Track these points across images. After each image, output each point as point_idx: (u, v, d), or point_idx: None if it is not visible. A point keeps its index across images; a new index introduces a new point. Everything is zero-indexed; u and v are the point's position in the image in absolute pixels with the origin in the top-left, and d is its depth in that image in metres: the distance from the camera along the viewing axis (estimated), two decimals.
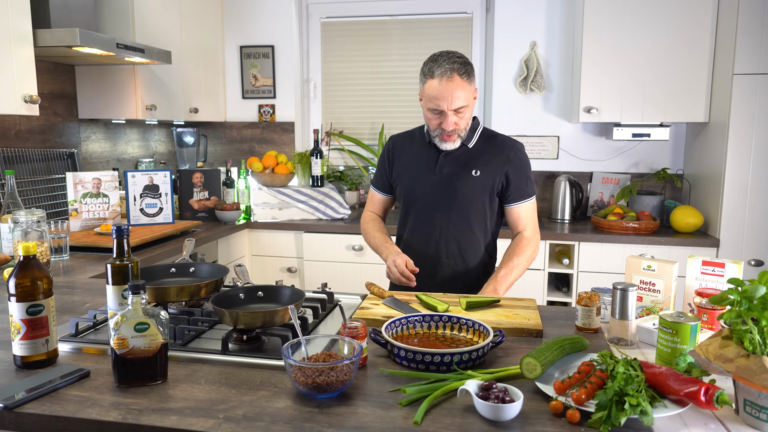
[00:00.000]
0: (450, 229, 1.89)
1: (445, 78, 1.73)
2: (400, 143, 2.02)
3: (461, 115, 1.79)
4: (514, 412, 0.97)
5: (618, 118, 3.16)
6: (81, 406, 1.03)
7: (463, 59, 1.78)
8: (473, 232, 1.91)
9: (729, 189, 2.90)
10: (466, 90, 1.76)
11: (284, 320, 1.29)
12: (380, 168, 2.06)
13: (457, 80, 1.73)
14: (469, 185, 1.87)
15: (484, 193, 1.88)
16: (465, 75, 1.75)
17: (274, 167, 3.42)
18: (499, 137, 1.94)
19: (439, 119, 1.80)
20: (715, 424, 1.00)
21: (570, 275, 3.14)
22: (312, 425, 0.97)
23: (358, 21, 3.80)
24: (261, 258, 3.39)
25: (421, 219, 1.92)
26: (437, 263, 1.92)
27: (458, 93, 1.74)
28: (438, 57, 1.78)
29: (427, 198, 1.90)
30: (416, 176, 1.92)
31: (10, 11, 2.09)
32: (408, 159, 1.96)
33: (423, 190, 1.91)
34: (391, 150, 2.02)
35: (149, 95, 3.00)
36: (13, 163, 2.56)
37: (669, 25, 3.02)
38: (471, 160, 1.88)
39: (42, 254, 1.97)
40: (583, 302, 1.43)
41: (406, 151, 1.98)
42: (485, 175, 1.87)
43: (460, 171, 1.87)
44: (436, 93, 1.74)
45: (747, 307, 0.99)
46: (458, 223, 1.89)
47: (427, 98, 1.78)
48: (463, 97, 1.75)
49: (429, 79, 1.76)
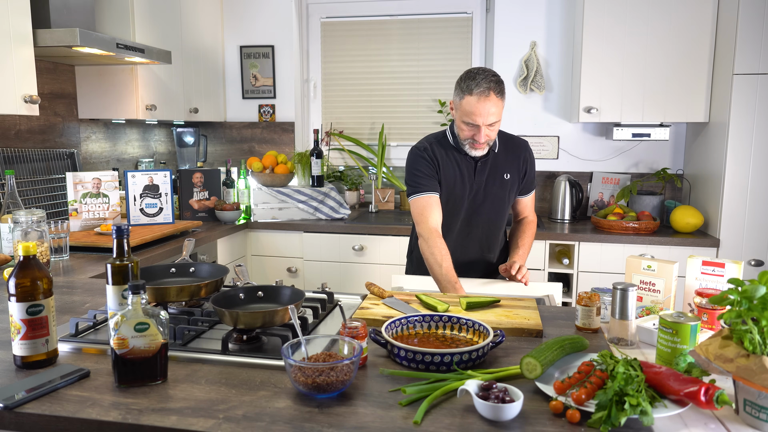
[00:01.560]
0: (490, 228, 2.12)
1: (483, 96, 1.86)
2: (438, 153, 2.07)
3: (492, 128, 1.93)
4: (514, 412, 0.97)
5: (618, 118, 3.16)
6: (81, 406, 1.03)
7: (497, 78, 1.91)
8: (502, 226, 2.17)
9: (729, 189, 2.90)
10: (500, 107, 1.91)
11: (284, 320, 1.29)
12: (427, 173, 2.04)
13: (493, 98, 1.87)
14: (504, 188, 2.08)
15: (512, 192, 2.12)
16: (500, 94, 1.89)
17: (274, 167, 3.42)
18: (513, 139, 2.14)
19: (472, 131, 1.93)
20: (715, 424, 1.00)
21: (570, 275, 3.14)
22: (312, 425, 0.97)
23: (358, 21, 3.80)
24: (261, 258, 3.39)
25: (464, 222, 2.09)
26: (477, 259, 2.14)
27: (493, 110, 1.88)
28: (476, 74, 1.89)
29: (471, 203, 2.07)
30: (460, 184, 2.05)
31: (10, 11, 2.09)
32: (449, 168, 2.05)
33: (467, 197, 2.06)
34: (434, 158, 2.06)
35: (149, 95, 3.00)
36: (13, 163, 2.56)
37: (669, 25, 3.02)
38: (500, 164, 2.07)
39: (42, 254, 1.97)
40: (583, 302, 1.43)
41: (445, 160, 2.06)
42: (513, 177, 2.09)
43: (494, 176, 2.06)
44: (473, 109, 1.88)
45: (747, 307, 0.99)
46: (495, 221, 2.12)
47: (463, 112, 1.92)
48: (497, 113, 1.90)
49: (467, 96, 1.89)
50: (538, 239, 3.06)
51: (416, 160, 2.07)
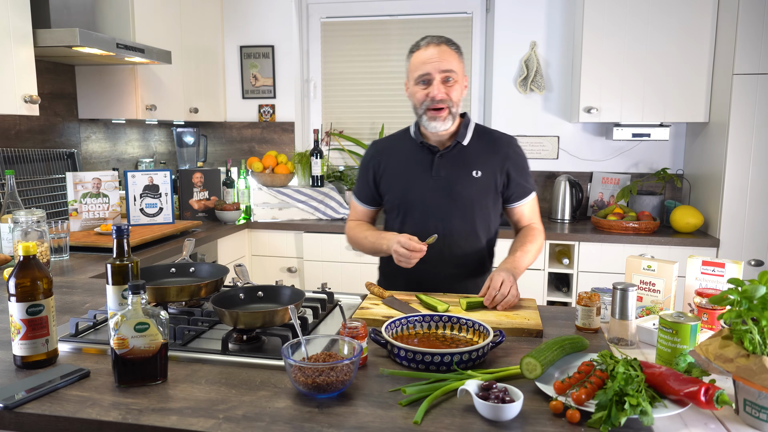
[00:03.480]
0: (453, 236, 1.77)
1: (433, 44, 1.70)
2: (386, 148, 1.88)
3: (450, 86, 1.70)
4: (514, 412, 0.97)
5: (618, 118, 3.16)
6: (81, 406, 1.03)
7: (449, 37, 1.75)
8: (477, 237, 1.81)
9: (729, 189, 2.90)
10: (456, 59, 1.71)
11: (284, 320, 1.29)
12: (362, 178, 1.91)
13: (444, 47, 1.70)
14: (472, 187, 1.77)
15: (488, 195, 1.79)
16: (454, 47, 1.72)
17: (274, 167, 3.42)
18: (494, 133, 1.86)
19: (426, 90, 1.70)
20: (715, 424, 1.00)
21: (570, 275, 3.14)
22: (312, 425, 0.97)
23: (358, 21, 3.80)
24: (261, 258, 3.39)
25: (420, 227, 1.76)
26: (438, 273, 1.79)
27: (447, 57, 1.69)
28: (424, 36, 1.76)
29: (425, 204, 1.78)
30: (410, 181, 1.79)
31: (10, 11, 2.09)
32: (398, 163, 1.83)
33: (420, 196, 1.78)
34: (376, 156, 1.87)
35: (149, 95, 3.00)
36: (13, 163, 2.56)
37: (669, 25, 3.03)
38: (469, 159, 1.77)
39: (42, 254, 1.97)
40: (583, 302, 1.43)
41: (395, 155, 1.84)
42: (487, 176, 1.78)
43: (460, 172, 1.77)
44: (423, 59, 1.69)
45: (747, 307, 0.99)
46: (461, 228, 1.78)
47: (413, 69, 1.72)
48: (453, 63, 1.69)
49: (415, 52, 1.73)
50: None
51: (362, 161, 1.95)
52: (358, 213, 1.98)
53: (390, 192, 1.85)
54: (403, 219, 1.83)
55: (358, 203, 1.97)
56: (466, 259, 1.82)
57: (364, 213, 1.96)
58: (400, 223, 1.83)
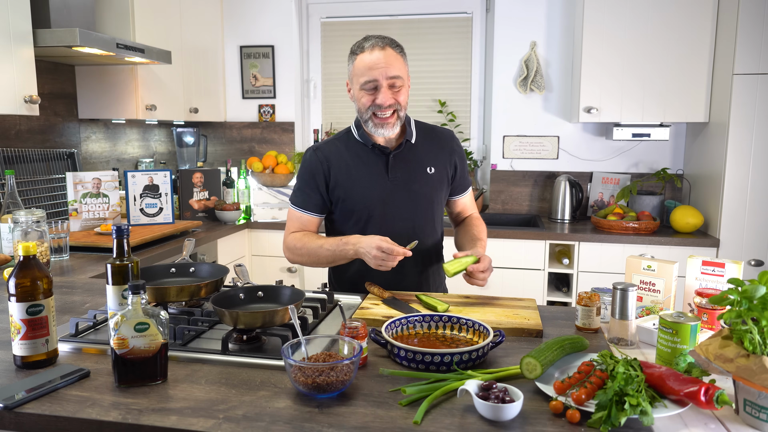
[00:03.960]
0: (417, 234, 1.75)
1: (377, 48, 1.64)
2: (332, 153, 1.78)
3: (397, 90, 1.66)
4: (514, 412, 0.97)
5: (618, 118, 3.16)
6: (81, 406, 1.03)
7: (392, 38, 1.70)
8: (435, 230, 1.85)
9: (729, 189, 2.90)
10: (401, 62, 1.67)
11: (284, 320, 1.29)
12: (308, 185, 1.77)
13: (389, 51, 1.65)
14: (428, 185, 1.77)
15: (441, 190, 1.81)
16: (398, 49, 1.68)
17: (274, 167, 3.42)
18: (436, 128, 1.87)
19: (373, 95, 1.66)
20: (715, 424, 1.00)
21: (570, 275, 3.14)
22: (312, 425, 0.97)
23: (358, 21, 3.80)
24: (261, 258, 3.39)
25: (383, 230, 1.70)
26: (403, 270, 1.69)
27: (393, 61, 1.64)
28: (367, 37, 1.69)
29: (385, 206, 1.75)
30: (368, 185, 1.74)
31: (10, 11, 2.09)
32: (350, 168, 1.75)
33: (380, 199, 1.74)
34: (324, 163, 1.76)
35: (149, 95, 3.00)
36: (13, 163, 2.56)
37: (669, 25, 3.03)
38: (420, 156, 1.77)
39: (42, 254, 1.97)
40: (583, 302, 1.43)
41: (344, 159, 1.76)
42: (439, 171, 1.79)
43: (415, 170, 1.76)
44: (368, 64, 1.64)
45: (747, 307, 0.99)
46: (423, 225, 1.79)
47: (358, 74, 1.66)
48: (399, 67, 1.65)
49: (359, 54, 1.66)
50: (538, 239, 3.06)
51: (302, 164, 1.81)
52: (304, 223, 1.80)
53: (348, 198, 1.76)
54: (364, 224, 1.76)
55: (304, 213, 1.80)
56: (428, 253, 1.83)
57: (312, 222, 1.81)
58: (360, 229, 1.76)
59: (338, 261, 1.71)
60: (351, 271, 1.81)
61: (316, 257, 1.73)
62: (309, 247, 1.74)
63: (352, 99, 1.75)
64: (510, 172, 3.61)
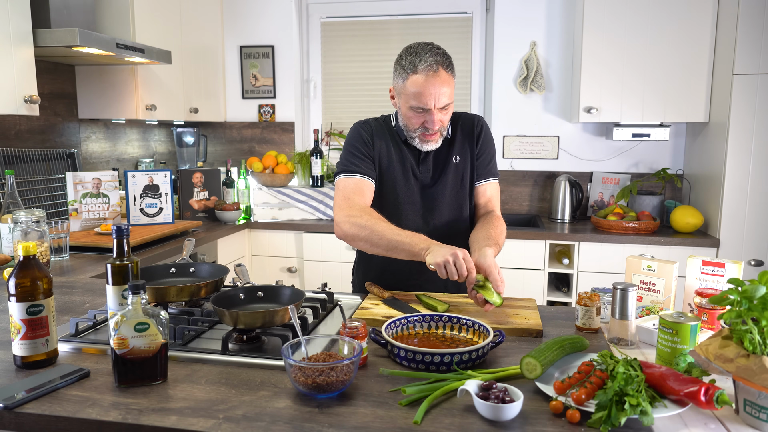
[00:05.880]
0: (451, 229, 1.75)
1: (431, 73, 1.57)
2: (378, 131, 1.77)
3: (446, 112, 1.65)
4: (514, 412, 0.97)
5: (618, 118, 3.16)
6: (81, 406, 1.03)
7: (443, 51, 1.63)
8: (465, 224, 1.80)
9: (729, 189, 2.90)
10: (451, 86, 1.63)
11: (284, 320, 1.29)
12: (361, 152, 1.73)
13: (443, 75, 1.59)
14: (457, 175, 1.76)
15: (467, 178, 1.78)
16: (449, 69, 1.62)
17: (274, 167, 3.42)
18: (463, 115, 1.82)
19: (422, 118, 1.64)
20: (715, 424, 1.00)
21: (570, 275, 3.14)
22: (312, 425, 0.97)
23: (358, 21, 3.80)
24: (261, 258, 3.39)
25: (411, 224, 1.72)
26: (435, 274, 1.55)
27: (444, 89, 1.60)
28: (418, 49, 1.61)
29: (414, 203, 1.76)
30: (398, 178, 1.75)
31: (10, 11, 2.09)
32: (386, 156, 1.74)
33: (408, 195, 1.75)
34: (372, 136, 1.75)
35: (149, 95, 3.00)
36: (13, 163, 2.56)
37: (669, 25, 3.03)
38: (448, 148, 1.76)
39: (42, 254, 1.97)
40: (583, 302, 1.42)
41: (384, 146, 1.75)
42: (464, 158, 1.77)
43: (444, 162, 1.75)
44: (421, 90, 1.58)
45: (747, 307, 0.98)
46: (451, 213, 1.77)
47: (408, 95, 1.62)
48: (449, 93, 1.62)
49: (412, 75, 1.59)
50: (538, 239, 3.06)
51: (351, 136, 1.76)
52: (363, 189, 1.69)
53: (380, 183, 1.75)
54: (390, 215, 1.70)
55: (363, 178, 1.70)
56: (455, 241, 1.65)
57: (370, 189, 1.71)
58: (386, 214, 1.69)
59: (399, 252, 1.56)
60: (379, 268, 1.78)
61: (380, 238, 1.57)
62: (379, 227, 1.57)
63: (396, 107, 1.73)
64: (510, 172, 3.61)
